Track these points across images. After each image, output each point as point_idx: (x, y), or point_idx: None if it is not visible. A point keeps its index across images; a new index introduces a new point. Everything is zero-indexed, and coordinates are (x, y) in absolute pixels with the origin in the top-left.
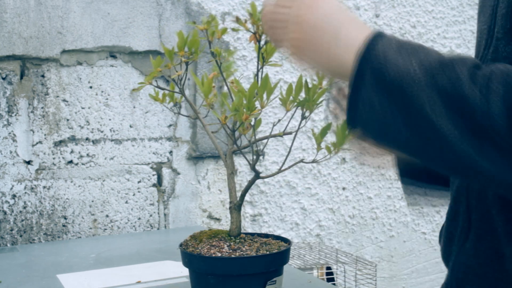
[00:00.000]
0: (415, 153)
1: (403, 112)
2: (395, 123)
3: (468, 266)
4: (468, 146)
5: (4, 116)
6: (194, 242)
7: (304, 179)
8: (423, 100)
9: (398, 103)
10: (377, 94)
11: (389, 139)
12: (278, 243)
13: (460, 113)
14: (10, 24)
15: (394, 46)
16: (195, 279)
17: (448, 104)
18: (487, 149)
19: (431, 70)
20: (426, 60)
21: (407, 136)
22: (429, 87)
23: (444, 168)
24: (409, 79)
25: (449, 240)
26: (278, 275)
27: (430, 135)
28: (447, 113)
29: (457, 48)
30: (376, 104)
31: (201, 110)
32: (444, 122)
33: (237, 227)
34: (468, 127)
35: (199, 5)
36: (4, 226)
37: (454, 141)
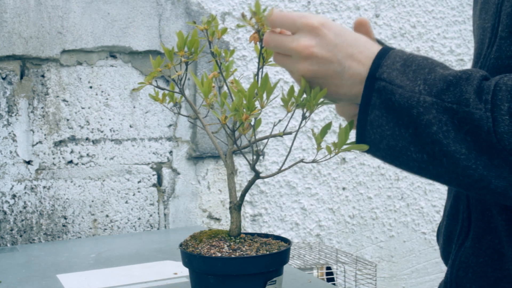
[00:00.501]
0: (425, 173)
1: (411, 133)
2: (404, 144)
3: (468, 265)
4: (477, 163)
5: (4, 116)
6: (194, 242)
7: (304, 179)
8: (430, 121)
9: (406, 125)
10: (385, 117)
11: (398, 159)
12: (278, 243)
13: (468, 131)
14: (10, 24)
15: (398, 66)
16: (195, 279)
17: (455, 123)
18: (496, 166)
19: (436, 90)
20: (432, 78)
21: (416, 157)
22: (436, 107)
23: (455, 185)
24: (415, 101)
25: (449, 239)
26: (278, 275)
27: (439, 155)
28: (455, 132)
29: (457, 48)
30: (384, 126)
31: (201, 110)
32: (452, 141)
33: (237, 227)
34: (476, 145)
35: (199, 5)
36: (4, 226)
37: (463, 160)
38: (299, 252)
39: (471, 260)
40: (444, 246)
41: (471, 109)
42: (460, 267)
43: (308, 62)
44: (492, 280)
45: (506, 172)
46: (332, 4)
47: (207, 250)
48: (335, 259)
